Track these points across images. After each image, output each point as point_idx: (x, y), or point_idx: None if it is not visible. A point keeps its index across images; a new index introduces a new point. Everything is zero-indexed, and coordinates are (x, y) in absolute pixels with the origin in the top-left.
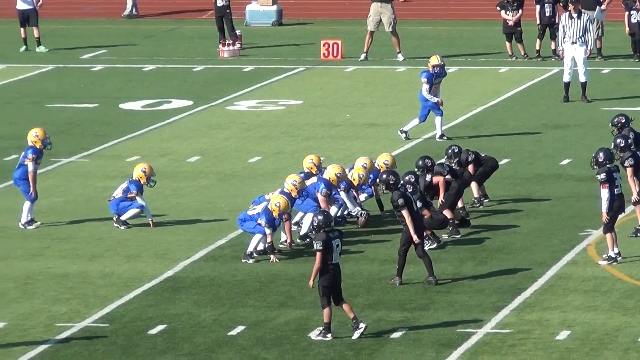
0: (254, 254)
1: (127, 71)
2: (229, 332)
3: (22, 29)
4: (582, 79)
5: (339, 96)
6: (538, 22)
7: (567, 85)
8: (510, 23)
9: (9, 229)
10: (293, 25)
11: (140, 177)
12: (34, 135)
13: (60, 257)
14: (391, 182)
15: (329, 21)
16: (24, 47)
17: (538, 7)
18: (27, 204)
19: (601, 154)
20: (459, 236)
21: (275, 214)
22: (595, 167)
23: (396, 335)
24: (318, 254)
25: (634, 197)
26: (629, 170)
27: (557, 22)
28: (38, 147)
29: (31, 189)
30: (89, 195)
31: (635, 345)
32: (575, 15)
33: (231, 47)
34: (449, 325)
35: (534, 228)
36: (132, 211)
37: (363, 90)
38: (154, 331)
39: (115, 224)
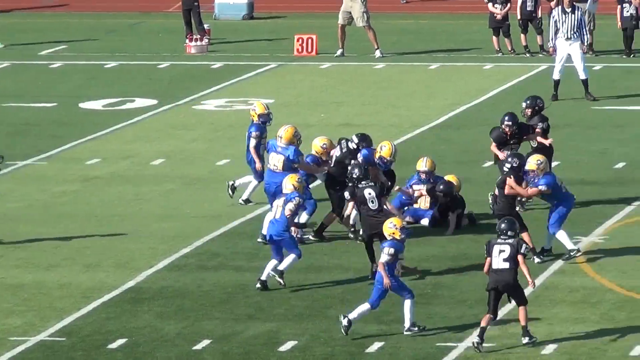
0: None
1: (88, 68)
2: (194, 346)
3: None
4: (583, 76)
5: (313, 94)
6: (519, 16)
7: (557, 83)
8: (498, 17)
9: None
10: (265, 19)
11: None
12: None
13: (15, 267)
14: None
15: (303, 15)
16: None
17: (520, 0)
18: (253, 182)
19: None
20: None
21: (324, 157)
22: None
23: (371, 349)
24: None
25: None
26: None
27: (538, 16)
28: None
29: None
30: (46, 201)
31: None
32: (569, 9)
33: (199, 43)
34: (427, 339)
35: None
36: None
37: (339, 88)
38: (114, 345)
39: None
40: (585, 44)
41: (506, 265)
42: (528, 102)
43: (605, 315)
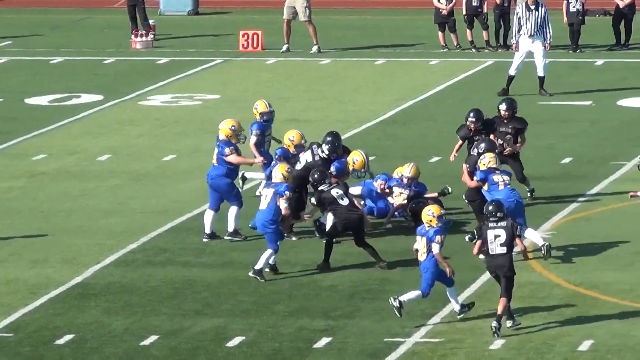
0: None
1: (33, 64)
2: (142, 342)
3: None
4: (541, 73)
5: (259, 90)
6: (464, 12)
7: (511, 79)
8: (444, 12)
9: None
10: (210, 14)
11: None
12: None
13: None
14: None
15: (249, 10)
16: None
17: None
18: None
19: None
20: None
21: (291, 149)
22: None
23: (319, 345)
24: (476, 242)
25: None
26: None
27: (484, 12)
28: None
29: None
30: None
31: (573, 355)
32: (532, 6)
33: (144, 38)
34: (375, 334)
35: (467, 230)
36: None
37: (285, 83)
38: (61, 341)
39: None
40: (548, 41)
41: (503, 250)
42: (506, 104)
43: (553, 311)
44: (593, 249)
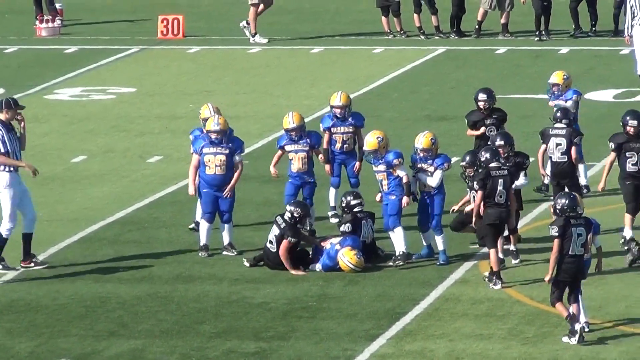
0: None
1: None
2: None
3: None
4: None
5: (180, 82)
6: None
7: None
8: None
9: None
10: None
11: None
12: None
13: None
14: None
15: None
16: None
17: None
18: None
19: None
20: None
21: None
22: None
23: None
24: (555, 241)
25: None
26: None
27: None
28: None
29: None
30: None
31: None
32: None
33: (50, 24)
34: (313, 358)
35: (416, 239)
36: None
37: (209, 75)
38: None
39: None
40: None
41: (582, 251)
42: (637, 119)
43: (513, 330)
44: None
